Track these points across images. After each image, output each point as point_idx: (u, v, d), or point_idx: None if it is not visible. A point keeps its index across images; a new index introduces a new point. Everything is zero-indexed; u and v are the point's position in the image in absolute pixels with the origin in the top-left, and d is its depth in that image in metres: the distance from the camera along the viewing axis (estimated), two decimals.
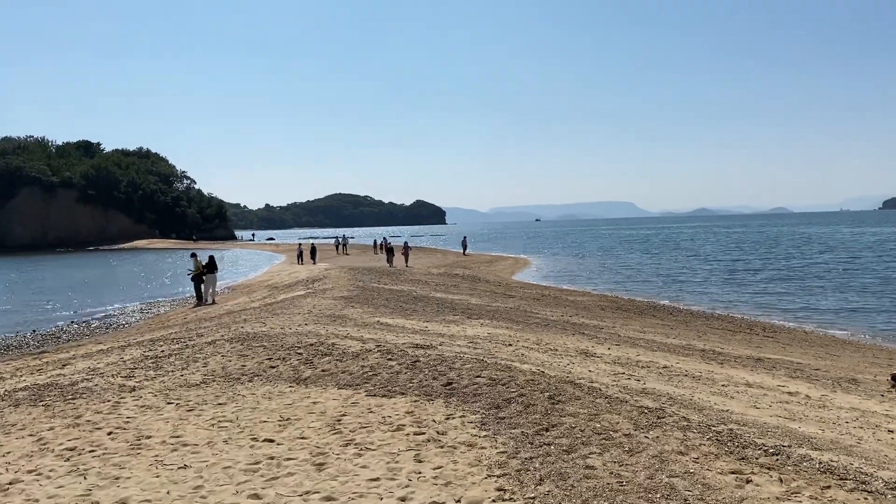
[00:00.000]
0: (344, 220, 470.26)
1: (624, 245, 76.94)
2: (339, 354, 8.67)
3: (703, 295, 27.65)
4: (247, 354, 9.06)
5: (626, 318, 18.71)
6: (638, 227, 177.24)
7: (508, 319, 15.65)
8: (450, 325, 13.86)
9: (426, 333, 11.77)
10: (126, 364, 9.16)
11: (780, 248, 58.94)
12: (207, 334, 11.74)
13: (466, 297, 21.99)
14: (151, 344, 11.47)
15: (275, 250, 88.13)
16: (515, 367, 7.69)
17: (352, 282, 25.31)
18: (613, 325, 16.30)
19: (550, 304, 22.20)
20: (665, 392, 7.27)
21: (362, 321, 13.56)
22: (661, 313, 21.03)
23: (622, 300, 25.43)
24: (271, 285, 31.50)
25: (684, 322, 18.83)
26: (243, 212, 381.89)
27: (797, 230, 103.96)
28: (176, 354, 9.54)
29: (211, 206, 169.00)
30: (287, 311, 15.35)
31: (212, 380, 7.88)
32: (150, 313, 26.48)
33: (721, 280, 33.30)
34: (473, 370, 7.39)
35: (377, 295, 20.34)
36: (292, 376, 7.83)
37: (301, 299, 19.12)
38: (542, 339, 11.83)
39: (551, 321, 16.02)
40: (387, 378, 7.37)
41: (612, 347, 11.40)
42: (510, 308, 19.18)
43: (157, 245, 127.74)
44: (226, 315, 17.69)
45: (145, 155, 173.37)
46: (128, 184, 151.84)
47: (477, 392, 6.58)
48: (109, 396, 7.18)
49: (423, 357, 8.26)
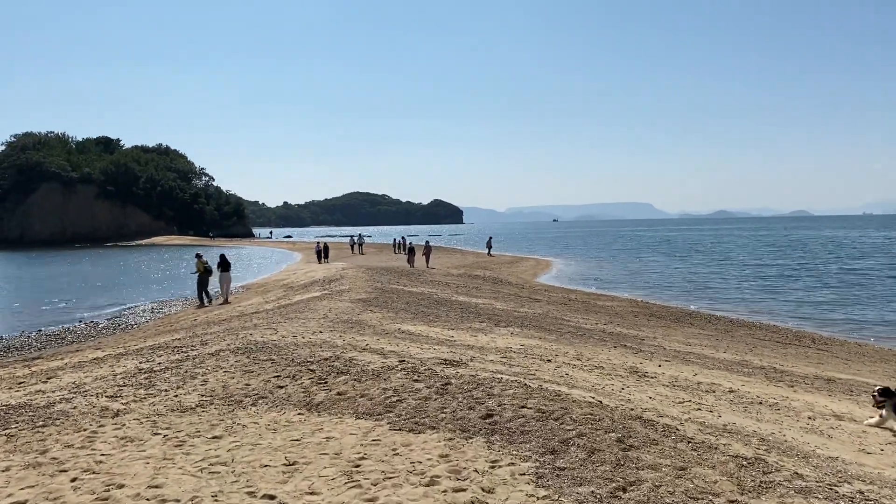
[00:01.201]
0: (361, 218, 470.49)
1: (647, 247, 75.35)
2: (358, 373, 7.52)
3: (738, 302, 26.25)
4: (252, 370, 7.94)
5: (665, 327, 17.44)
6: (658, 229, 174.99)
7: (540, 328, 14.46)
8: (477, 333, 12.69)
9: (453, 345, 10.61)
10: (116, 379, 8.07)
11: (811, 252, 57.07)
12: (212, 342, 10.65)
13: (491, 301, 20.80)
14: (150, 352, 10.39)
15: (291, 248, 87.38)
16: (565, 394, 6.51)
17: (370, 283, 24.20)
18: (654, 335, 15.04)
19: (580, 310, 20.96)
20: (751, 429, 6.06)
21: (382, 328, 12.43)
22: (700, 321, 19.73)
23: (654, 306, 24.13)
24: (287, 285, 30.49)
25: (726, 332, 17.53)
26: (261, 209, 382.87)
27: (825, 234, 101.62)
28: (174, 368, 8.44)
29: (229, 203, 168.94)
30: (301, 316, 14.26)
31: (209, 402, 6.76)
32: (160, 313, 25.53)
33: (755, 286, 31.84)
34: (517, 398, 6.21)
35: (396, 298, 19.22)
36: (303, 400, 6.69)
37: (317, 301, 18.04)
38: (583, 353, 10.63)
39: (586, 330, 14.80)
40: (413, 406, 6.21)
41: (662, 364, 10.18)
42: (539, 314, 17.98)
43: (175, 242, 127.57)
44: (236, 318, 16.62)
45: (164, 151, 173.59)
46: (146, 180, 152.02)
47: (525, 428, 5.41)
48: (87, 423, 6.07)
49: (455, 378, 7.09)
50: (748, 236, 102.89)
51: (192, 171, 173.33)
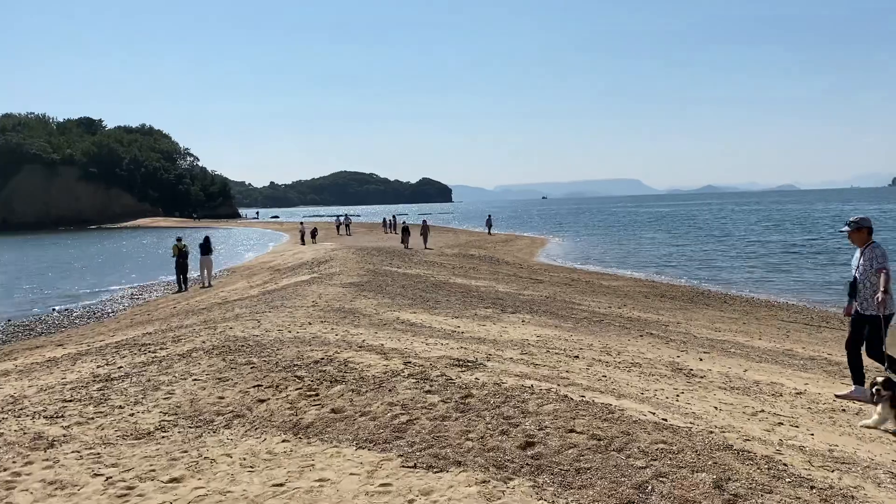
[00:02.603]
0: (349, 197, 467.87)
1: (641, 224, 74.25)
2: (356, 380, 6.20)
3: (748, 281, 24.92)
4: (228, 377, 6.60)
5: (682, 309, 16.20)
6: (649, 205, 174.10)
7: (551, 314, 13.16)
8: (485, 322, 11.39)
9: (461, 338, 9.29)
10: (64, 391, 6.70)
11: (812, 227, 55.74)
12: (186, 339, 9.28)
13: (492, 284, 19.50)
14: (114, 352, 9.02)
15: (279, 229, 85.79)
16: (617, 409, 5.20)
17: (361, 265, 22.85)
18: (676, 319, 13.78)
19: (586, 291, 19.70)
20: (864, 457, 4.78)
21: (378, 318, 11.10)
22: (716, 302, 18.51)
23: (662, 286, 22.91)
24: (273, 267, 29.09)
25: (747, 313, 16.31)
26: (248, 190, 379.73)
27: (821, 207, 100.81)
28: (135, 374, 7.08)
29: (215, 183, 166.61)
30: (288, 304, 12.91)
31: (172, 424, 5.42)
32: (139, 300, 24.12)
33: (762, 263, 30.56)
34: (559, 417, 4.91)
35: (391, 281, 17.89)
36: (289, 420, 5.36)
37: (305, 286, 16.69)
38: (610, 346, 9.34)
39: (602, 315, 13.52)
40: (429, 429, 4.89)
41: (703, 357, 8.90)
42: (545, 297, 16.68)
43: (160, 224, 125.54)
44: (217, 307, 15.24)
45: (148, 132, 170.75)
46: (130, 161, 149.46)
47: (581, 465, 4.09)
48: (10, 460, 4.72)
49: (476, 388, 5.77)
50: (742, 210, 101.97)
51: (177, 152, 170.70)
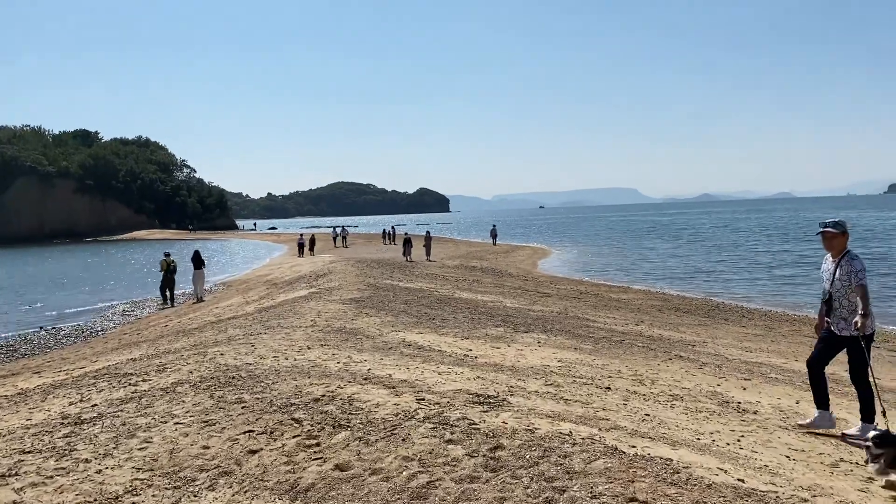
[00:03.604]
0: (347, 208, 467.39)
1: (641, 233, 73.47)
2: (363, 424, 5.32)
3: (768, 294, 23.95)
4: (215, 420, 5.72)
5: (702, 325, 15.32)
6: (647, 214, 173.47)
7: (567, 332, 12.29)
8: (498, 343, 10.51)
9: (476, 365, 8.42)
10: (26, 437, 5.81)
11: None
12: (172, 367, 8.40)
13: (498, 298, 18.64)
14: (92, 383, 8.14)
15: (276, 240, 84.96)
16: (681, 465, 4.33)
17: (360, 278, 22.00)
18: (700, 337, 12.91)
19: (597, 305, 18.84)
20: None
21: (383, 340, 10.23)
22: (733, 316, 17.64)
23: (674, 298, 22.05)
24: (270, 281, 28.21)
25: (770, 329, 15.43)
26: (245, 201, 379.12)
27: (821, 216, 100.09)
28: (110, 416, 6.20)
29: (211, 195, 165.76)
30: (285, 323, 12.05)
31: (146, 484, 4.54)
32: (131, 317, 23.23)
33: (775, 275, 29.60)
34: (614, 479, 4.04)
35: (393, 296, 17.03)
36: (284, 480, 4.49)
37: (303, 303, 15.82)
38: (640, 372, 8.47)
39: (621, 334, 12.64)
40: (456, 495, 4.02)
41: (747, 387, 8.02)
42: (556, 313, 15.81)
43: (157, 236, 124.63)
44: (210, 326, 14.35)
45: (144, 144, 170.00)
46: (126, 173, 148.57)
47: None
48: None
49: (505, 436, 4.90)
50: (745, 219, 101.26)
51: (174, 164, 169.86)
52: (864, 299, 5.89)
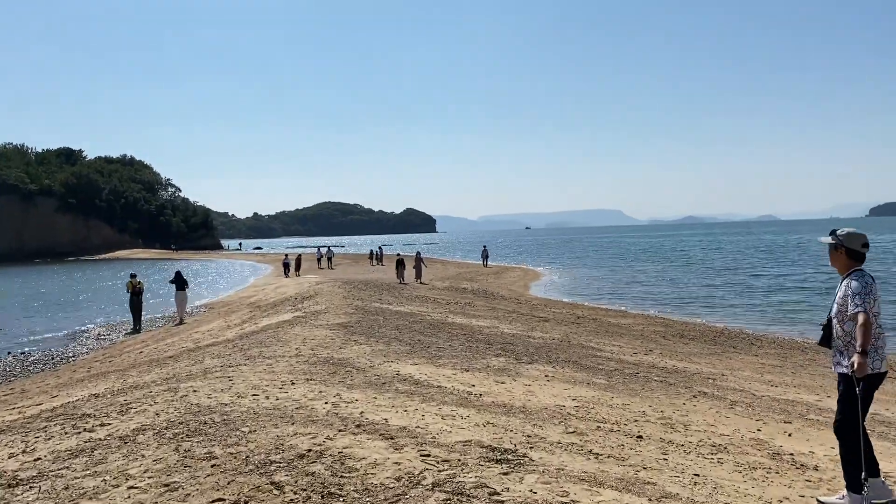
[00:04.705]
0: (333, 228, 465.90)
1: (631, 255, 72.84)
2: (357, 493, 4.34)
3: (770, 320, 23.11)
4: (178, 485, 4.70)
5: (712, 353, 14.42)
6: (634, 236, 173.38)
7: (574, 363, 11.33)
8: (502, 377, 9.54)
9: (483, 406, 7.44)
10: None
11: (813, 257, 53.88)
12: (137, 407, 7.38)
13: (494, 323, 17.68)
14: (44, 427, 7.09)
15: (261, 261, 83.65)
16: None
17: (348, 301, 21.01)
18: (714, 368, 11.98)
19: (598, 331, 17.91)
20: None
21: (375, 373, 9.24)
22: (741, 343, 16.76)
23: (676, 323, 21.17)
24: (253, 303, 27.12)
25: (784, 357, 14.56)
26: (231, 221, 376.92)
27: (811, 238, 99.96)
28: (53, 475, 5.18)
29: (196, 214, 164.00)
30: (267, 352, 11.04)
31: None
32: (106, 341, 22.08)
33: (769, 300, 28.75)
34: None
35: (383, 321, 16.06)
36: None
37: (287, 328, 14.81)
38: (665, 412, 7.52)
39: (632, 365, 11.69)
40: None
41: (791, 432, 7.06)
42: (557, 340, 14.87)
43: (140, 255, 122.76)
44: (186, 355, 13.28)
45: (129, 162, 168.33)
46: (110, 192, 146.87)
47: None
48: None
49: None
50: (733, 241, 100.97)
51: (159, 183, 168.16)
52: (860, 330, 4.53)
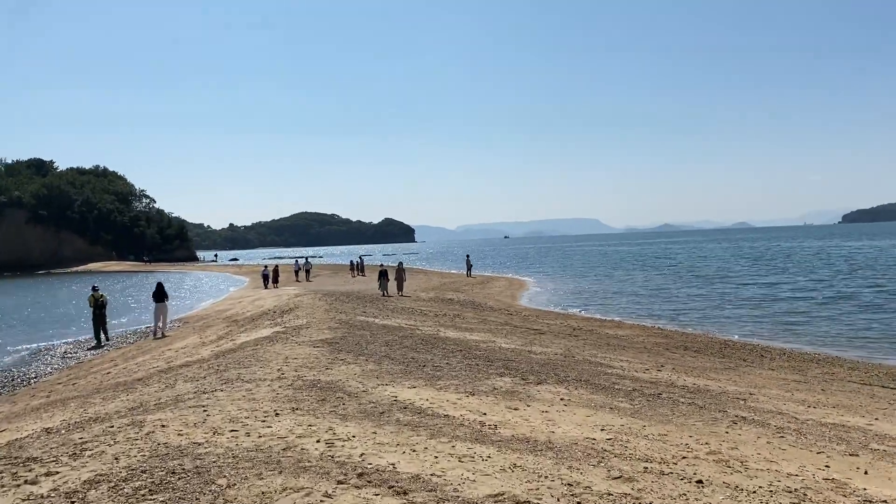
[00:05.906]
0: (311, 239, 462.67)
1: (614, 263, 72.29)
2: None
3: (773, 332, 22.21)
4: None
5: (726, 368, 13.49)
6: (612, 243, 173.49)
7: (587, 383, 10.30)
8: (513, 401, 8.48)
9: (502, 441, 6.37)
10: None
11: (801, 266, 53.36)
12: (94, 447, 6.22)
13: (489, 337, 16.63)
14: None
15: (237, 272, 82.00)
16: None
17: (331, 314, 19.86)
18: (737, 386, 11.01)
19: (598, 343, 16.94)
20: None
21: (369, 399, 8.16)
22: (750, 356, 15.87)
23: (675, 335, 20.27)
24: (230, 317, 25.84)
25: (801, 370, 13.68)
26: (206, 232, 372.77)
27: (795, 245, 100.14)
28: None
29: (171, 226, 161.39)
30: (246, 374, 9.91)
31: None
32: (72, 359, 20.68)
33: (772, 310, 27.80)
34: None
35: (370, 336, 14.94)
36: None
37: (268, 345, 13.65)
38: (710, 444, 6.49)
39: (650, 384, 10.68)
40: None
41: (868, 469, 6.08)
42: (562, 356, 13.84)
43: (113, 268, 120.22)
44: (157, 376, 12.07)
45: (102, 173, 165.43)
46: (82, 203, 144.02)
47: None
48: None
49: None
50: (717, 248, 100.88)
51: (132, 194, 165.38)
52: None
